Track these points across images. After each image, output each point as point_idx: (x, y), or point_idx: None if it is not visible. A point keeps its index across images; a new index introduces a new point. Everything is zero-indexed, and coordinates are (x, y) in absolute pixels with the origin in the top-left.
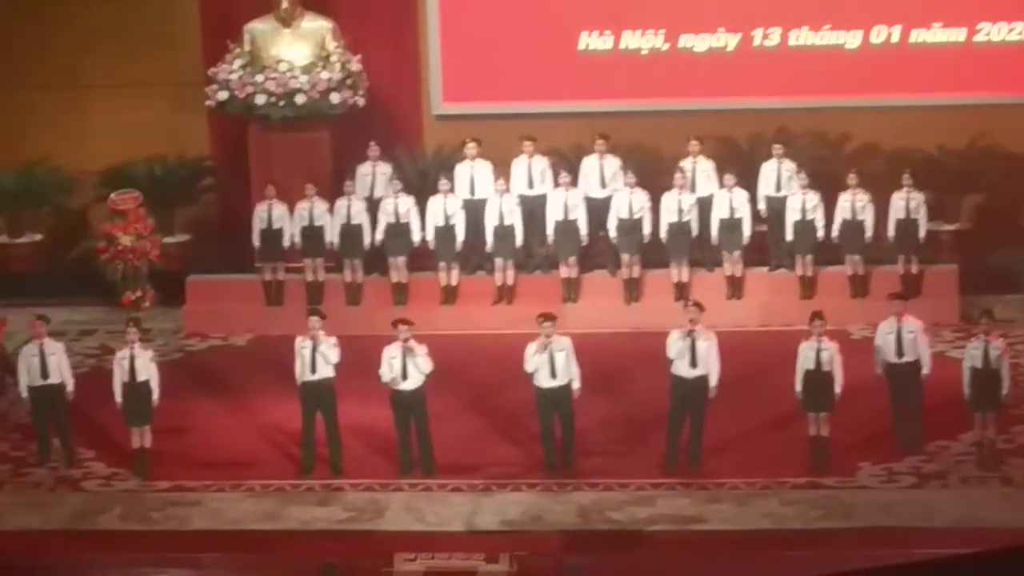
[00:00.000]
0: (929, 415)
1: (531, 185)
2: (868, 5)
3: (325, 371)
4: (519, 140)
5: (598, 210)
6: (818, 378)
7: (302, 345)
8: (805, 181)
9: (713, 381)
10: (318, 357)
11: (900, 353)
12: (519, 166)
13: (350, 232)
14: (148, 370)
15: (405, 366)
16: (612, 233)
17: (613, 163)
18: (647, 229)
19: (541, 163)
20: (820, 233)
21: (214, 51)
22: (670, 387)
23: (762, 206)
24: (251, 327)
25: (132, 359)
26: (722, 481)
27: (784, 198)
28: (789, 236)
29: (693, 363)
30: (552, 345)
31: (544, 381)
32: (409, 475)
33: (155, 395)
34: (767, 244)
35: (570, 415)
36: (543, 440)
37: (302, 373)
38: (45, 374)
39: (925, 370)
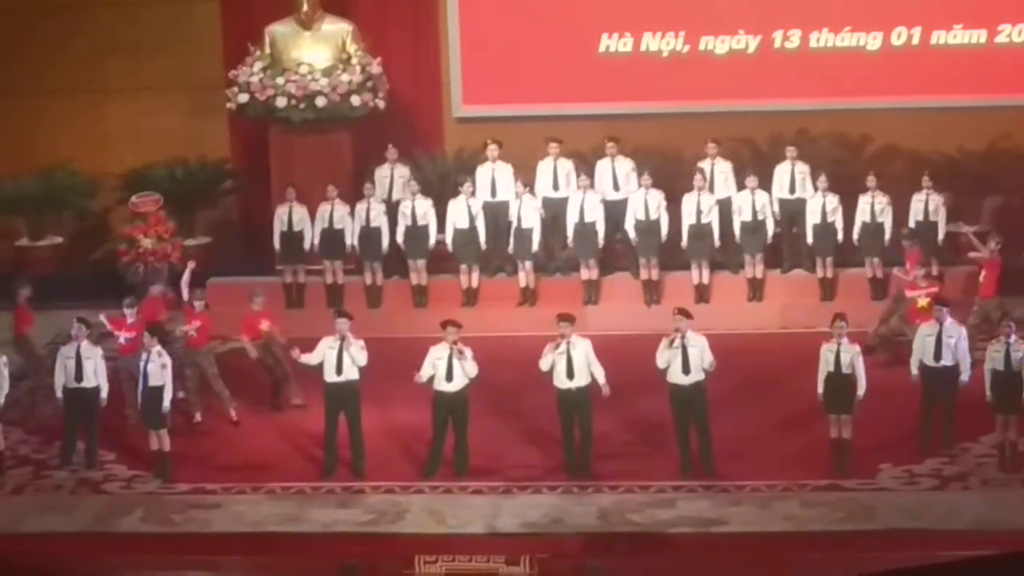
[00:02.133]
0: None
1: (556, 187)
2: (888, 7)
3: (351, 373)
4: (540, 142)
5: (613, 212)
6: (840, 380)
7: (329, 345)
8: (825, 184)
9: (710, 366)
10: (345, 358)
11: (938, 356)
12: (544, 168)
13: (369, 235)
14: (162, 375)
15: (451, 367)
16: (631, 235)
17: (626, 165)
18: (664, 229)
19: (567, 165)
20: (840, 236)
21: (235, 54)
22: (668, 395)
23: (776, 208)
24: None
25: (147, 363)
26: (743, 483)
27: (797, 200)
28: (809, 238)
29: (686, 369)
30: (569, 346)
31: (561, 382)
32: (434, 477)
33: (166, 401)
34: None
35: (588, 417)
36: (563, 442)
37: (327, 374)
38: (80, 377)
39: (964, 376)
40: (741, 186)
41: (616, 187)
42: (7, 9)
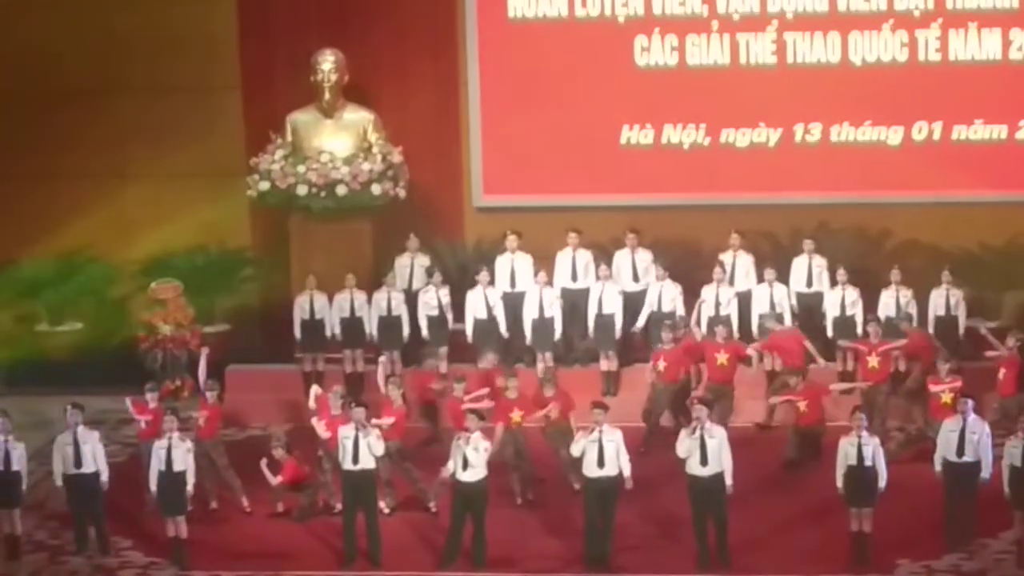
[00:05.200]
0: None
1: (574, 278)
2: (910, 102)
3: (367, 462)
4: (561, 233)
5: (633, 304)
6: (860, 473)
7: (345, 435)
8: (845, 277)
9: (728, 479)
10: (361, 447)
11: (961, 452)
12: (563, 258)
13: (389, 324)
14: (185, 460)
15: (466, 457)
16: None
17: (645, 257)
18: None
19: (585, 256)
20: (860, 329)
21: (256, 141)
22: (687, 487)
23: (793, 302)
24: (290, 417)
25: (169, 449)
26: None
27: (815, 294)
28: (829, 332)
29: (704, 461)
30: (603, 435)
31: (591, 470)
32: (451, 567)
33: (190, 486)
34: None
35: (612, 508)
36: (585, 531)
37: (344, 463)
38: (79, 463)
39: (985, 473)
40: (758, 278)
41: (636, 278)
42: (29, 93)
